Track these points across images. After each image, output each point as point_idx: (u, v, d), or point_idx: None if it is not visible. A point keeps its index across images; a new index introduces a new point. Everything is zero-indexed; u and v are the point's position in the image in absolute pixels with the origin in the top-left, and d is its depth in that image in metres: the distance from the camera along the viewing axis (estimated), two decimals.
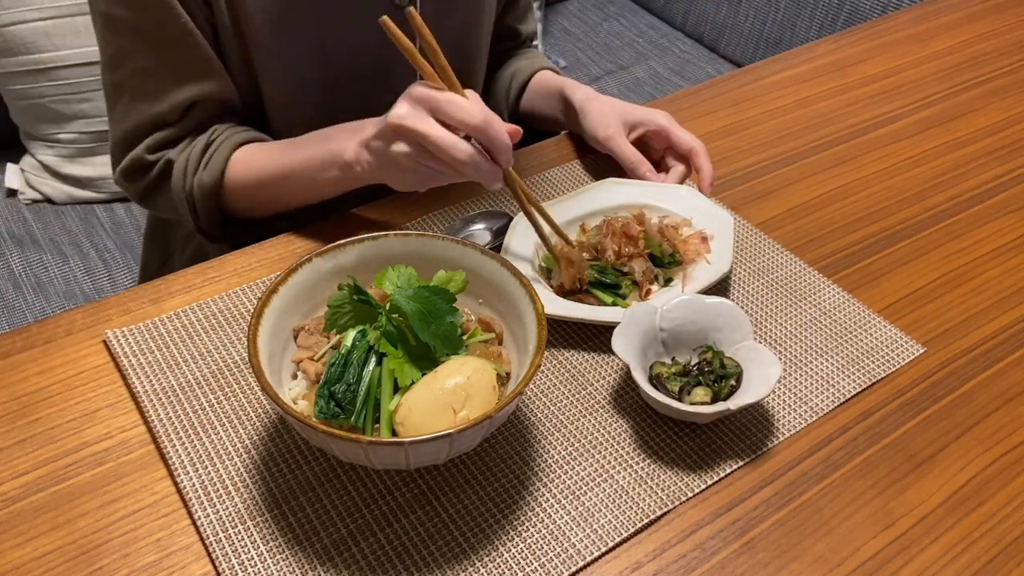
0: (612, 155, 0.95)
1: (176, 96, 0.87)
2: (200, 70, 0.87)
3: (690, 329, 0.75)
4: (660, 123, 0.95)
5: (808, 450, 0.71)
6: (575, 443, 0.70)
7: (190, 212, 0.90)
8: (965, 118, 1.12)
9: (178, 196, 0.89)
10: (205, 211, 0.89)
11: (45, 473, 0.67)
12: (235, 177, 0.88)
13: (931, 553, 0.65)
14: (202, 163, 0.88)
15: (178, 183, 0.88)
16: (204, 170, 0.87)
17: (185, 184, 0.88)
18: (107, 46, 0.87)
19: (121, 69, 0.87)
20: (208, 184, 0.87)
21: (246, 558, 0.61)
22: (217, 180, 0.87)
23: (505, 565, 0.62)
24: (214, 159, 0.87)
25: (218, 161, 0.87)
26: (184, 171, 0.88)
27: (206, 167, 0.88)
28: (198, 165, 0.88)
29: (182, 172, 0.88)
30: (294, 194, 0.87)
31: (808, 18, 1.83)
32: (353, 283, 0.66)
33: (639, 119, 0.96)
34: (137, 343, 0.76)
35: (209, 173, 0.87)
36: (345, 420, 0.62)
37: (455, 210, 0.92)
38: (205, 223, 0.91)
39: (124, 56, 0.86)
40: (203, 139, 0.89)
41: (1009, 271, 0.89)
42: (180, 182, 0.88)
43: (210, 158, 0.88)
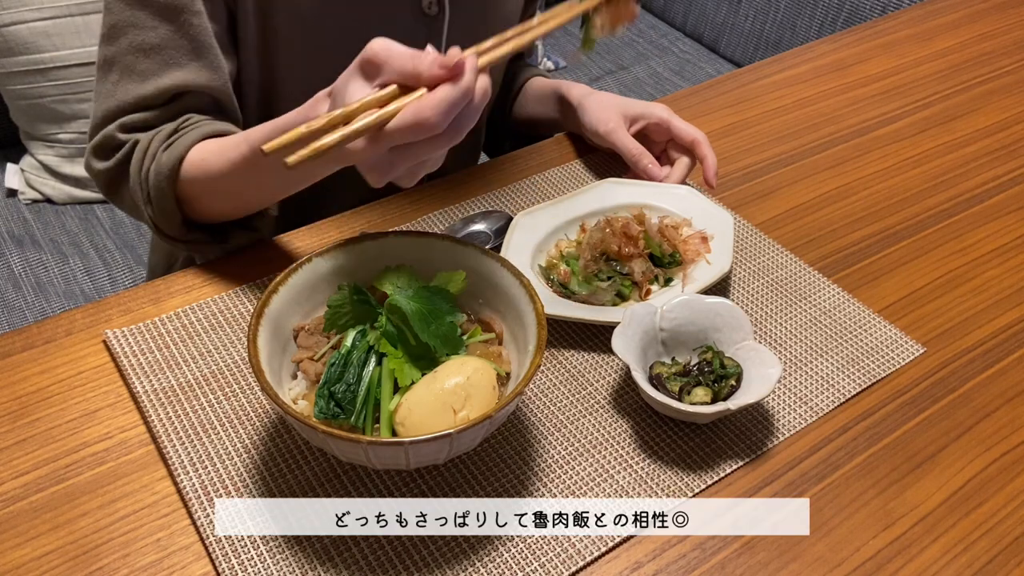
0: (614, 148, 0.95)
1: (165, 80, 0.82)
2: (197, 56, 0.83)
3: (690, 329, 0.75)
4: (660, 115, 0.95)
5: (808, 450, 0.71)
6: (575, 443, 0.70)
7: (144, 201, 0.81)
8: (965, 118, 1.12)
9: (133, 179, 0.81)
10: (159, 200, 0.80)
11: (45, 473, 0.67)
12: (194, 169, 0.79)
13: (931, 553, 0.65)
14: (163, 146, 0.80)
15: (135, 165, 0.81)
16: (164, 152, 0.80)
17: (142, 167, 0.81)
18: (109, 15, 0.82)
19: (117, 43, 0.82)
20: (165, 168, 0.79)
21: (246, 558, 0.61)
22: (175, 165, 0.79)
23: (505, 565, 0.62)
24: (176, 144, 0.80)
25: (179, 147, 0.79)
26: (144, 152, 0.81)
27: (167, 150, 0.80)
28: (158, 149, 0.80)
29: (142, 154, 0.81)
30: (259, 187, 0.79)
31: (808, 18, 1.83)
32: (353, 283, 0.66)
33: (639, 112, 0.96)
34: (137, 343, 0.76)
35: (168, 156, 0.79)
36: (345, 420, 0.62)
37: (455, 210, 0.92)
38: (159, 216, 0.81)
39: (123, 28, 0.82)
40: (172, 125, 0.82)
41: (1009, 271, 0.89)
42: (138, 164, 0.81)
43: (172, 143, 0.80)
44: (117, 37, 0.82)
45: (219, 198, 0.82)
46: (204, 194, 0.81)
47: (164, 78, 0.82)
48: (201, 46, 0.83)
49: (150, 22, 0.81)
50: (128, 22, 0.82)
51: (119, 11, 0.82)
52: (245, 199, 0.82)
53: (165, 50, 0.82)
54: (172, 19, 0.81)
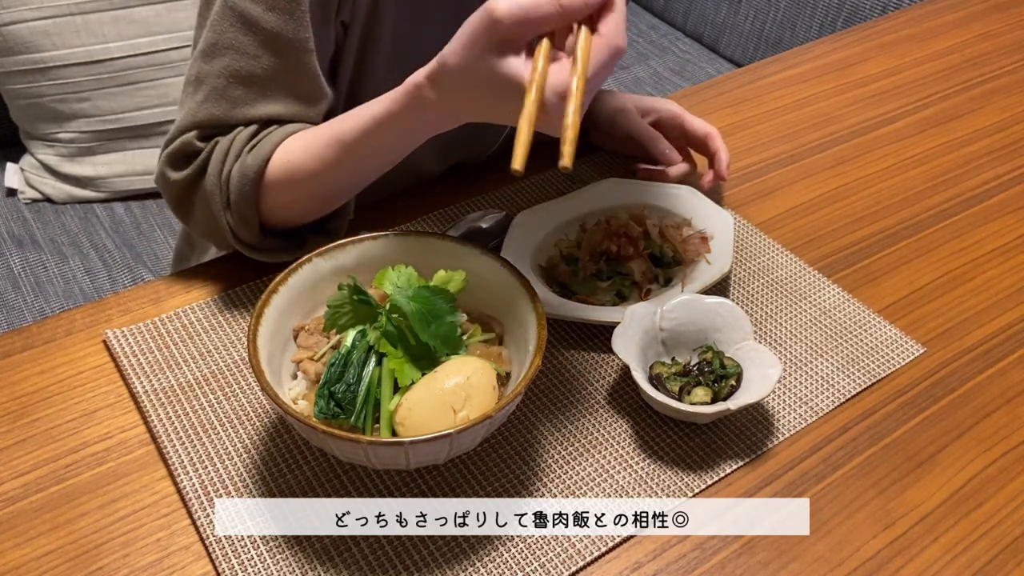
0: (629, 133, 0.95)
1: (255, 112, 0.78)
2: (295, 96, 0.78)
3: (690, 329, 0.75)
4: (673, 110, 0.95)
5: (808, 450, 0.71)
6: (575, 443, 0.70)
7: (222, 205, 0.77)
8: (965, 118, 1.12)
9: (211, 183, 0.77)
10: (240, 203, 0.76)
11: (45, 473, 0.67)
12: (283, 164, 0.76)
13: (931, 553, 0.65)
14: (247, 146, 0.77)
15: (215, 167, 0.76)
16: (248, 153, 0.76)
17: (222, 169, 0.76)
18: (212, 32, 0.77)
19: (214, 61, 0.77)
20: (250, 168, 0.75)
21: (246, 558, 0.61)
22: (261, 166, 0.75)
23: (505, 565, 0.62)
24: (261, 145, 0.76)
25: (265, 147, 0.76)
26: (225, 154, 0.77)
27: (251, 151, 0.76)
28: (242, 150, 0.77)
29: (223, 155, 0.77)
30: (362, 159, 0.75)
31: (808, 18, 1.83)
32: (353, 283, 0.66)
33: (650, 106, 0.96)
34: (137, 343, 0.76)
35: (253, 156, 0.75)
36: (345, 420, 0.62)
37: (455, 210, 0.92)
38: (238, 221, 0.77)
39: (223, 50, 0.76)
40: (255, 128, 0.78)
41: (1009, 271, 0.89)
42: (217, 166, 0.76)
43: (257, 143, 0.77)
44: (215, 56, 0.77)
45: (305, 197, 0.79)
46: (290, 195, 0.78)
47: (255, 109, 0.78)
48: (308, 86, 0.79)
49: (254, 50, 0.76)
50: (230, 45, 0.76)
51: (223, 31, 0.76)
52: (332, 193, 0.79)
53: (264, 83, 0.77)
54: (279, 53, 0.76)
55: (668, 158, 0.93)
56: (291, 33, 0.75)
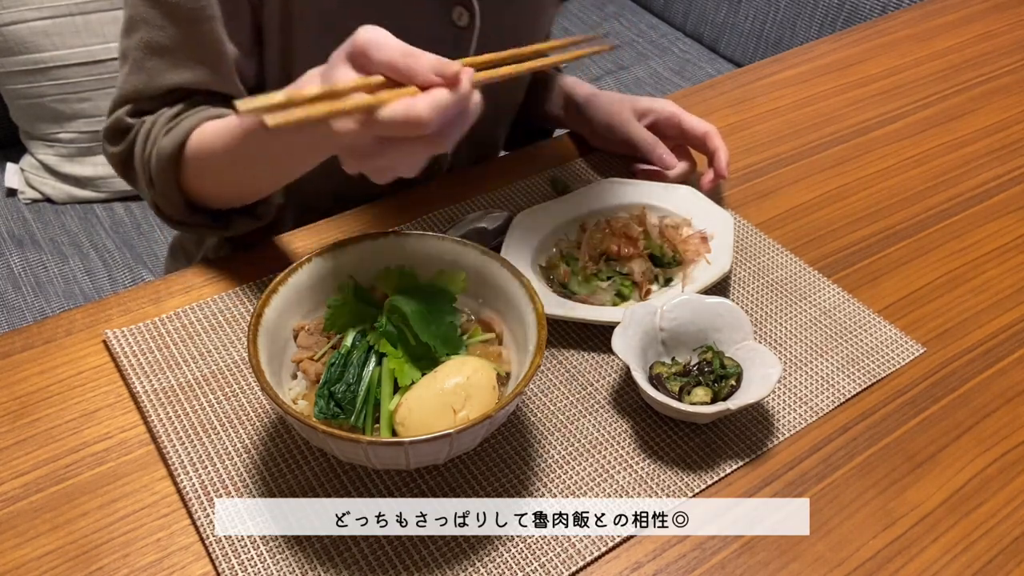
0: (627, 139, 0.95)
1: (168, 80, 0.82)
2: (204, 62, 0.82)
3: (690, 329, 0.75)
4: (670, 110, 0.95)
5: (808, 450, 0.71)
6: (575, 443, 0.70)
7: (146, 183, 0.82)
8: (965, 118, 1.12)
9: (137, 162, 0.82)
10: (160, 183, 0.80)
11: (45, 473, 0.67)
12: (195, 153, 0.79)
13: (931, 553, 0.65)
14: (164, 129, 0.81)
15: (139, 148, 0.82)
16: (166, 136, 0.80)
17: (145, 150, 0.81)
18: (127, 7, 0.82)
19: (132, 38, 0.82)
20: (166, 150, 0.79)
21: (246, 558, 0.61)
22: (177, 147, 0.78)
23: (505, 565, 0.62)
24: (177, 128, 0.80)
25: (181, 130, 0.79)
26: (147, 136, 0.81)
27: (168, 133, 0.80)
28: (160, 132, 0.81)
29: (144, 137, 0.81)
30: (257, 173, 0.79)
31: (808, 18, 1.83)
32: (353, 283, 0.66)
33: (648, 107, 0.96)
34: (137, 343, 0.76)
35: (170, 139, 0.79)
36: (345, 420, 0.62)
37: (455, 210, 0.92)
38: (161, 198, 0.82)
39: (137, 23, 0.81)
40: (176, 108, 0.82)
41: (1009, 271, 0.89)
42: (140, 148, 0.81)
43: (173, 127, 0.80)
44: (132, 31, 0.82)
45: (218, 182, 0.81)
46: (205, 177, 0.81)
47: (168, 78, 0.82)
48: (210, 52, 0.82)
49: (160, 21, 0.81)
50: (142, 18, 0.81)
51: (135, 5, 0.81)
52: (241, 183, 0.82)
53: (171, 52, 0.81)
54: (182, 22, 0.80)
55: (667, 164, 0.94)
56: (188, 2, 0.79)
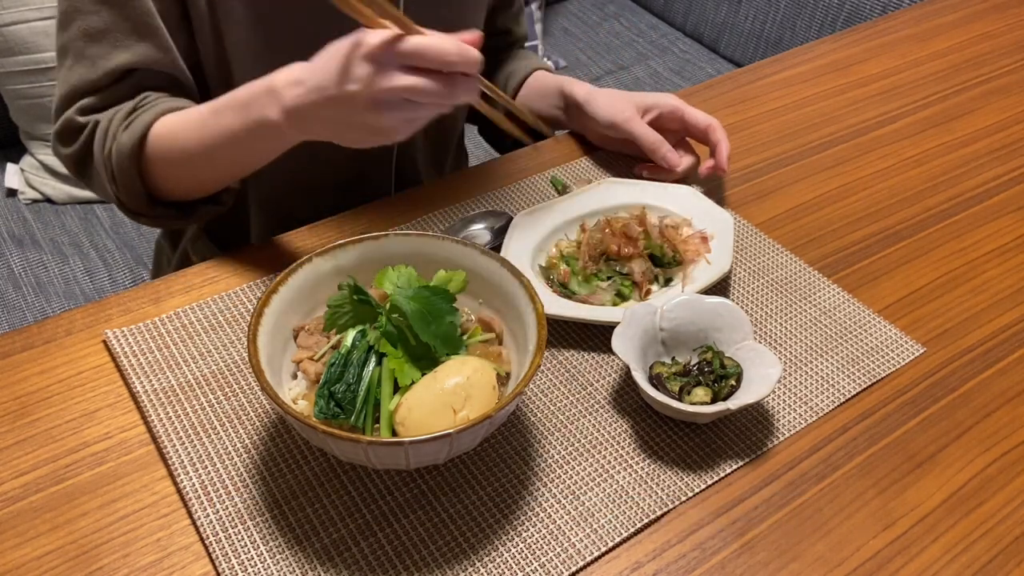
0: (630, 137, 0.95)
1: (111, 62, 0.82)
2: (142, 37, 0.83)
3: (690, 329, 0.75)
4: (672, 104, 0.95)
5: (808, 450, 0.71)
6: (575, 443, 0.70)
7: (108, 179, 0.83)
8: (965, 118, 1.12)
9: (97, 160, 0.83)
10: (123, 179, 0.82)
11: (45, 473, 0.67)
12: (157, 147, 0.80)
13: (931, 553, 0.65)
14: (123, 125, 0.81)
15: (98, 146, 0.82)
16: (124, 131, 0.81)
17: (104, 147, 0.82)
18: (61, 2, 0.83)
19: (68, 30, 0.83)
20: (127, 147, 0.80)
21: (246, 558, 0.61)
22: (136, 143, 0.80)
23: (505, 565, 0.62)
24: (136, 122, 0.81)
25: (140, 125, 0.80)
26: (105, 133, 0.82)
27: (126, 129, 0.81)
28: (118, 128, 0.81)
29: (103, 134, 0.82)
30: (220, 167, 0.81)
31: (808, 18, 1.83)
32: (353, 283, 0.66)
33: (651, 103, 0.96)
34: (137, 343, 0.76)
35: (129, 135, 0.80)
36: (345, 420, 0.62)
37: (455, 210, 0.92)
38: (124, 193, 0.83)
39: (72, 15, 0.82)
40: (131, 104, 0.83)
41: (1009, 271, 0.89)
42: (100, 145, 0.82)
43: (132, 121, 0.81)
44: (68, 24, 0.83)
45: (186, 172, 0.83)
46: (169, 169, 0.82)
47: (111, 60, 0.83)
48: (144, 27, 0.83)
49: (92, 7, 0.82)
50: (75, 8, 0.82)
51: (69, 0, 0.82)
52: (213, 172, 0.83)
53: (110, 33, 0.82)
54: (113, 3, 0.82)
55: (672, 163, 0.94)
56: None
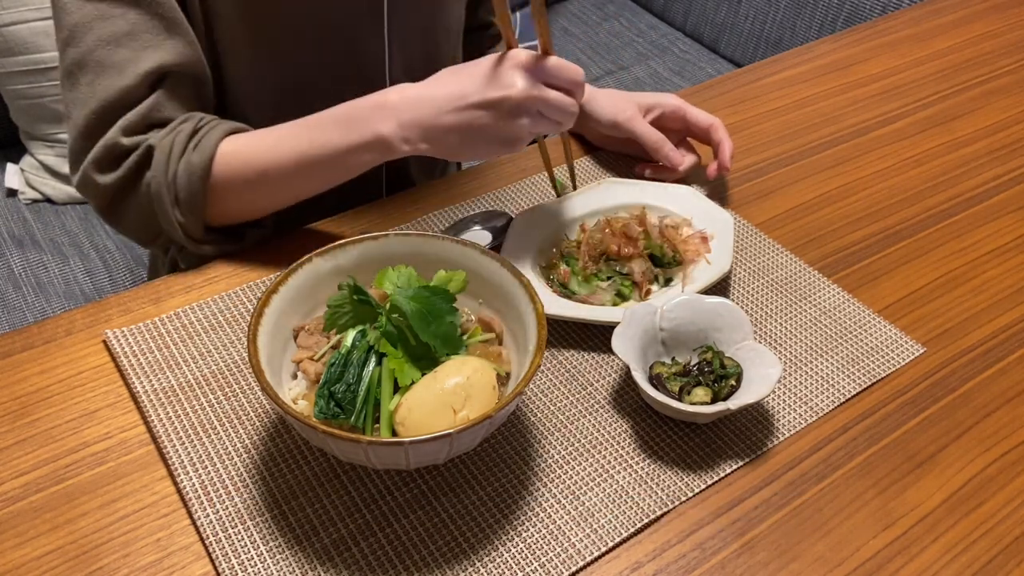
0: (633, 136, 0.95)
1: (144, 64, 0.79)
2: (172, 34, 0.81)
3: (690, 329, 0.75)
4: (674, 103, 0.95)
5: (808, 450, 0.71)
6: (575, 443, 0.70)
7: (171, 204, 0.79)
8: (965, 118, 1.12)
9: (159, 184, 0.78)
10: (191, 201, 0.79)
11: (45, 473, 0.67)
12: (228, 166, 0.79)
13: (931, 553, 0.65)
14: (190, 145, 0.79)
15: (160, 167, 0.78)
16: (193, 152, 0.78)
17: (168, 168, 0.78)
18: (67, 16, 0.79)
19: (83, 41, 0.78)
20: (198, 167, 0.78)
21: (246, 558, 0.61)
22: (207, 164, 0.78)
23: (505, 565, 0.62)
24: (205, 141, 0.79)
25: (209, 144, 0.79)
26: (168, 155, 0.78)
27: (195, 149, 0.79)
28: (185, 148, 0.79)
29: (166, 156, 0.78)
30: (305, 184, 0.81)
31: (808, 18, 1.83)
32: (353, 283, 0.66)
33: (652, 102, 0.96)
34: (137, 343, 0.76)
35: (199, 155, 0.78)
36: (345, 420, 0.62)
37: (455, 210, 0.92)
38: (188, 218, 0.80)
39: (89, 24, 0.78)
40: (191, 124, 0.80)
41: (1009, 271, 0.89)
42: (163, 166, 0.78)
43: (199, 142, 0.79)
44: (82, 36, 0.79)
45: (259, 192, 0.81)
46: (240, 189, 0.80)
47: (143, 62, 0.79)
48: (172, 22, 0.81)
49: (116, 10, 0.79)
50: (92, 16, 0.78)
51: (78, 9, 0.79)
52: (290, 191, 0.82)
53: (139, 35, 0.79)
54: (138, 1, 0.79)
55: (674, 162, 0.94)
56: None
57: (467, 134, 0.75)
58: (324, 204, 0.95)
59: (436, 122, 0.75)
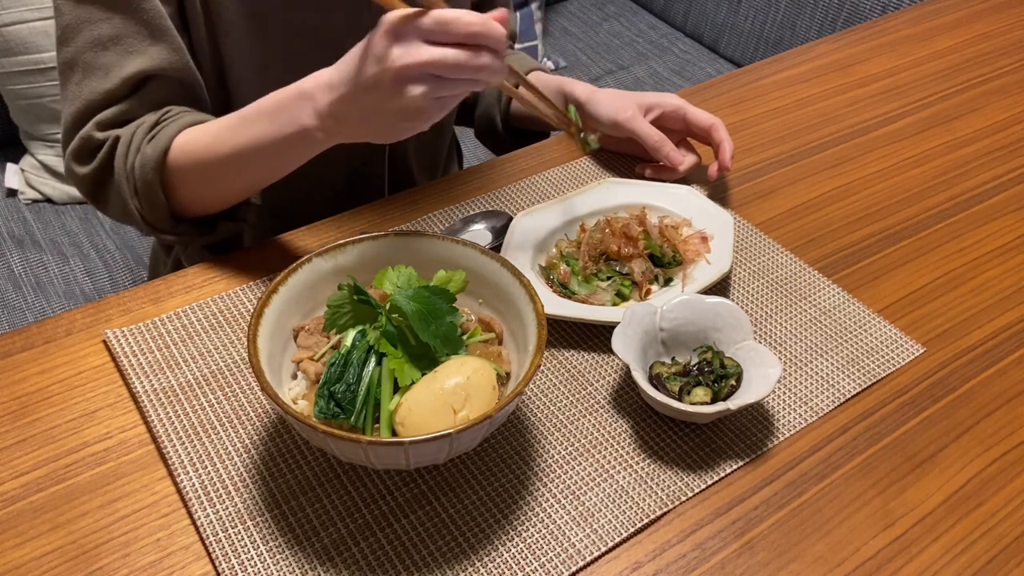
0: (633, 135, 0.94)
1: (127, 69, 0.81)
2: (156, 40, 0.82)
3: (690, 329, 0.75)
4: (675, 103, 0.95)
5: (808, 450, 0.71)
6: (575, 443, 0.70)
7: (131, 194, 0.81)
8: (965, 118, 1.12)
9: (119, 174, 0.81)
10: (147, 192, 0.80)
11: (45, 473, 0.67)
12: (181, 159, 0.80)
13: (931, 553, 0.65)
14: (147, 138, 0.80)
15: (120, 160, 0.81)
16: (148, 144, 0.80)
17: (127, 161, 0.80)
18: (61, 17, 0.82)
19: (74, 43, 0.81)
20: (151, 159, 0.79)
21: (246, 558, 0.61)
22: (161, 155, 0.79)
23: (505, 565, 0.62)
24: (161, 134, 0.80)
25: (164, 137, 0.79)
26: (128, 147, 0.80)
27: (151, 141, 0.80)
28: (142, 141, 0.80)
29: (125, 148, 0.81)
30: (250, 176, 0.80)
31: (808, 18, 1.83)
32: (353, 283, 0.66)
33: (653, 102, 0.96)
34: (137, 343, 0.76)
35: (153, 147, 0.79)
36: (345, 420, 0.62)
37: (455, 210, 0.92)
38: (147, 209, 0.82)
39: (77, 26, 0.81)
40: (153, 117, 0.82)
41: (1009, 271, 0.89)
42: (122, 159, 0.81)
43: (156, 134, 0.80)
44: (73, 37, 0.82)
45: (211, 184, 0.82)
46: (194, 181, 0.81)
47: (126, 67, 0.82)
48: (157, 29, 0.82)
49: (102, 14, 0.81)
50: (81, 19, 0.81)
51: (69, 11, 0.81)
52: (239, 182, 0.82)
53: (123, 39, 0.81)
54: (124, 7, 0.81)
55: (675, 162, 0.93)
56: None
57: (369, 118, 0.70)
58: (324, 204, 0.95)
59: (343, 111, 0.70)
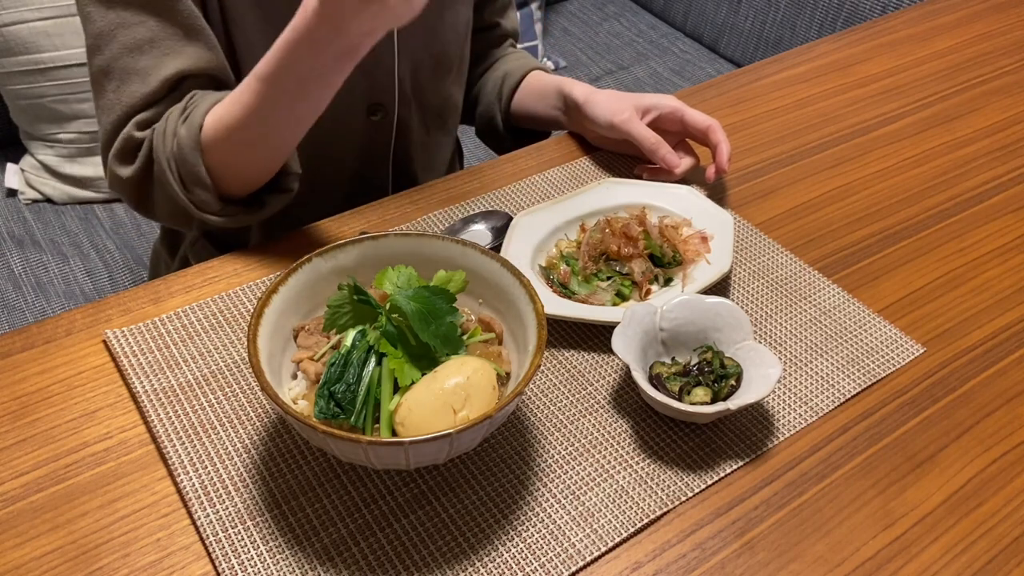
0: (630, 138, 0.95)
1: (165, 70, 0.81)
2: (191, 40, 0.82)
3: (690, 329, 0.75)
4: (672, 105, 0.95)
5: (808, 450, 0.71)
6: (575, 443, 0.70)
7: (176, 181, 0.81)
8: (965, 118, 1.12)
9: (162, 165, 0.81)
10: (190, 174, 0.80)
11: (45, 473, 0.67)
12: (214, 133, 0.79)
13: (931, 553, 0.65)
14: (180, 120, 0.81)
15: (159, 150, 0.81)
16: (182, 126, 0.80)
17: (166, 148, 0.80)
18: (92, 25, 0.82)
19: (108, 49, 0.82)
20: (187, 138, 0.79)
21: (246, 558, 0.61)
22: (196, 134, 0.79)
23: (505, 565, 0.62)
24: (192, 116, 0.80)
25: (196, 116, 0.80)
26: (164, 135, 0.81)
27: (184, 123, 0.80)
28: (176, 125, 0.81)
29: (162, 137, 0.81)
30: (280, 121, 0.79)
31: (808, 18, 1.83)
32: (353, 283, 0.66)
33: (650, 103, 0.96)
34: (137, 343, 0.76)
35: (187, 127, 0.79)
36: (345, 420, 0.62)
37: (455, 210, 0.92)
38: (195, 192, 0.81)
39: (111, 32, 0.81)
40: (182, 104, 0.82)
41: (1009, 271, 0.89)
42: (161, 147, 0.81)
43: (187, 116, 0.81)
44: (106, 44, 0.82)
45: (243, 150, 0.81)
46: (231, 153, 0.80)
47: (164, 69, 0.82)
48: (192, 29, 0.83)
49: (136, 18, 0.81)
50: (114, 24, 0.81)
51: (100, 17, 0.81)
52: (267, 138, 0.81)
53: (159, 42, 0.82)
54: (158, 10, 0.81)
55: (671, 164, 0.93)
56: None
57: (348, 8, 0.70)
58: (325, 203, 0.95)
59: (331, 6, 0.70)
